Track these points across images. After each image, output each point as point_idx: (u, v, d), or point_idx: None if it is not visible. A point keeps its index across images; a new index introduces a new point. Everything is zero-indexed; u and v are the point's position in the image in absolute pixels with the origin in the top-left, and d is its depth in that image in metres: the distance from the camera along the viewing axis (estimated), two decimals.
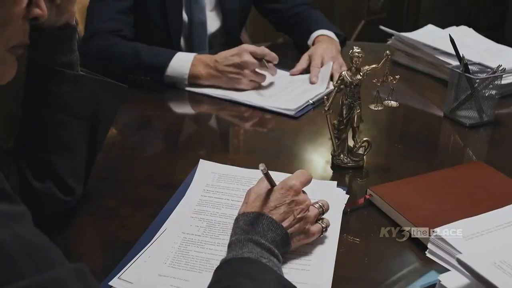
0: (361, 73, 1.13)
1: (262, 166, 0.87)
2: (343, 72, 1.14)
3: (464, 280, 0.78)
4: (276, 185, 0.89)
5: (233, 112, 1.50)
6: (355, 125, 1.16)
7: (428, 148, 1.36)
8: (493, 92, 1.39)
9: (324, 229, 0.92)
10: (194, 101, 1.57)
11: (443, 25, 1.91)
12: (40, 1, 0.77)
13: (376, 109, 1.17)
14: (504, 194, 1.02)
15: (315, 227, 0.91)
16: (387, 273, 0.90)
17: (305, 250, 0.91)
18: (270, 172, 1.14)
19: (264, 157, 1.25)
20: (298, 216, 0.87)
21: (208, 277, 0.84)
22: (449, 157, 1.33)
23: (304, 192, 0.92)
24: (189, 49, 1.84)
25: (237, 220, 0.87)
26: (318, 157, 1.30)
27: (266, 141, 1.35)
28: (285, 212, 0.86)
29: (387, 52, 1.12)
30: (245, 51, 1.55)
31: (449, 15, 3.84)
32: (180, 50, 1.80)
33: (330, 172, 1.20)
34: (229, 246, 0.82)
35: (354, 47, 1.13)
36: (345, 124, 1.17)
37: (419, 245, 0.93)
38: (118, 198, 1.07)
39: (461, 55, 1.36)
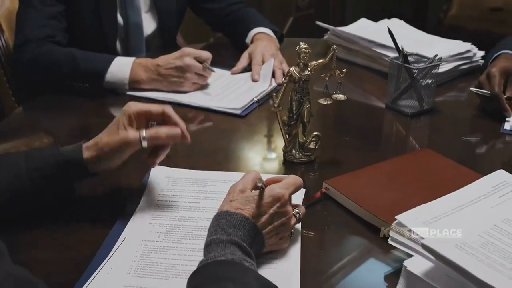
0: (309, 69, 1.14)
1: (260, 182, 0.87)
2: (291, 68, 1.15)
3: (429, 264, 0.80)
4: (265, 187, 0.88)
5: (177, 114, 1.47)
6: (305, 120, 1.17)
7: (374, 138, 1.39)
8: (430, 81, 1.44)
9: (291, 235, 0.92)
10: None
11: (368, 19, 1.96)
12: None
13: (325, 103, 1.18)
14: (453, 179, 1.06)
15: (288, 236, 0.91)
16: (352, 264, 0.91)
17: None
18: (222, 173, 1.14)
19: (214, 158, 1.24)
20: (277, 227, 0.87)
21: (175, 283, 0.83)
22: (394, 146, 1.36)
23: (289, 201, 0.91)
24: (126, 52, 1.79)
25: (218, 217, 0.84)
26: (270, 153, 1.30)
27: (214, 142, 1.33)
28: (267, 222, 0.86)
29: (334, 46, 1.14)
30: (187, 55, 1.52)
31: (373, 8, 3.95)
32: (117, 53, 1.76)
33: (282, 168, 1.20)
34: (209, 245, 0.80)
35: (301, 43, 1.13)
36: (295, 119, 1.17)
37: (379, 233, 0.94)
38: (70, 211, 1.02)
39: (400, 47, 1.40)
